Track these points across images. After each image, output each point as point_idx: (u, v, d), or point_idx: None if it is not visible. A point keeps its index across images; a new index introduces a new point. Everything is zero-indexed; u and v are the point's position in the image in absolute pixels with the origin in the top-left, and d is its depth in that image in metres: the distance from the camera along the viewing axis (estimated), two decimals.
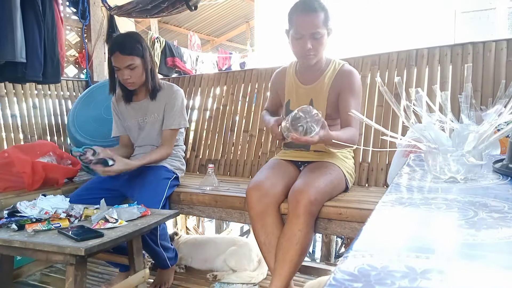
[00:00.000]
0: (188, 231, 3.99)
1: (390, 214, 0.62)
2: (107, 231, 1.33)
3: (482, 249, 0.45)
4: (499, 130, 0.87)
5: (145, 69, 1.91)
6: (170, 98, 1.99)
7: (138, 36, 1.97)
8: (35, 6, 2.44)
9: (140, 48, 1.88)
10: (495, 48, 1.88)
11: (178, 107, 2.00)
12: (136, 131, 2.06)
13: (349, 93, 1.68)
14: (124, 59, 1.85)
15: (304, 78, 1.77)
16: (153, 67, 1.97)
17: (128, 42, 1.87)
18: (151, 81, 1.96)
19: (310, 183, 1.49)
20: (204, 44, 9.89)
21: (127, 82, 1.91)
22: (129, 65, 1.86)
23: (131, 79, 1.89)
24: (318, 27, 1.59)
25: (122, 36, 1.98)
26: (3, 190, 2.03)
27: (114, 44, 1.90)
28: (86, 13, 3.26)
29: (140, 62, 1.88)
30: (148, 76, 1.93)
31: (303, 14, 1.60)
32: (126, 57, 1.85)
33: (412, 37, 4.94)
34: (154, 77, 1.98)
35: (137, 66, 1.88)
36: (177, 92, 2.02)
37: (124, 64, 1.85)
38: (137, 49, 1.87)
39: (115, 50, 1.85)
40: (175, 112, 1.99)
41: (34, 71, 2.46)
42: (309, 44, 1.60)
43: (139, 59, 1.88)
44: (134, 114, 2.04)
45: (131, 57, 1.85)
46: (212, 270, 2.18)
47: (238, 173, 2.45)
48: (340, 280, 0.37)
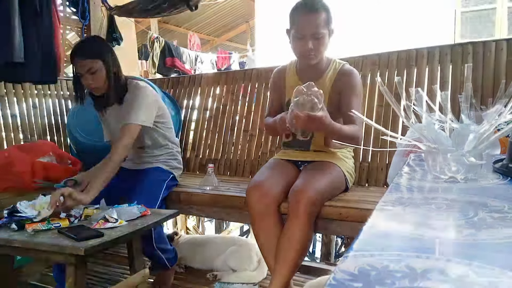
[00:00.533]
0: (188, 231, 3.99)
1: (390, 214, 0.62)
2: (107, 231, 1.33)
3: (482, 249, 0.45)
4: (499, 130, 0.87)
5: (107, 73, 1.81)
6: (131, 96, 1.87)
7: (99, 38, 1.93)
8: (33, 6, 2.44)
9: (100, 51, 1.79)
10: (495, 48, 1.88)
11: (137, 102, 1.83)
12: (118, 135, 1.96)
13: (351, 93, 1.69)
14: (83, 64, 1.76)
15: (305, 77, 1.77)
16: (117, 69, 1.86)
17: (87, 46, 1.81)
18: (113, 85, 1.84)
19: (310, 183, 1.49)
20: (204, 44, 9.90)
21: (90, 87, 1.82)
22: (89, 69, 1.76)
23: (94, 83, 1.79)
24: (320, 27, 1.59)
25: (82, 41, 1.95)
26: (3, 190, 2.03)
27: (73, 50, 1.81)
28: (86, 13, 3.26)
29: (101, 65, 1.78)
30: (111, 80, 1.82)
31: (305, 14, 1.60)
32: (84, 61, 1.76)
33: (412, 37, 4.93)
34: (119, 80, 1.87)
35: (97, 70, 1.77)
36: (140, 89, 1.88)
37: (84, 68, 1.76)
38: (96, 52, 1.78)
39: (74, 55, 1.77)
40: (133, 108, 1.81)
41: (31, 71, 2.46)
42: (310, 44, 1.61)
43: (100, 62, 1.78)
44: (111, 120, 1.98)
45: (90, 61, 1.76)
46: (212, 270, 2.18)
47: (238, 173, 2.45)
48: (340, 280, 0.37)
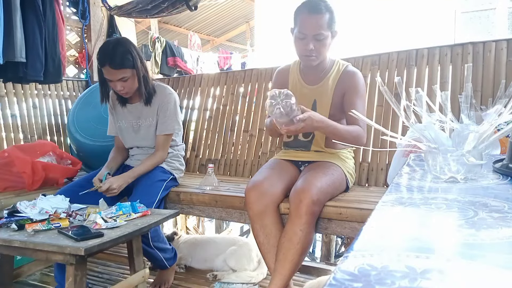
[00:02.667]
0: (188, 231, 3.99)
1: (390, 214, 0.62)
2: (107, 231, 1.33)
3: (482, 249, 0.45)
4: (499, 130, 0.87)
5: (138, 79, 1.86)
6: (163, 103, 1.96)
7: (128, 43, 1.84)
8: (35, 6, 2.44)
9: (131, 59, 1.79)
10: (495, 48, 1.88)
11: (171, 111, 1.96)
12: (130, 133, 2.03)
13: (354, 95, 1.69)
14: (116, 73, 1.78)
15: (308, 78, 1.77)
16: (145, 73, 1.90)
17: (118, 54, 1.77)
18: (145, 88, 1.91)
19: (312, 183, 1.49)
20: (204, 44, 9.89)
21: (121, 93, 1.88)
22: (121, 78, 1.79)
23: (124, 90, 1.84)
24: (322, 28, 1.58)
25: (111, 47, 1.80)
26: (3, 190, 2.03)
27: (103, 56, 1.78)
28: (86, 13, 3.26)
29: (132, 73, 1.82)
30: (142, 84, 1.88)
31: (308, 14, 1.59)
32: (117, 71, 1.77)
33: (412, 37, 4.94)
34: (148, 83, 1.92)
35: (129, 78, 1.82)
36: (169, 96, 1.98)
37: (116, 78, 1.79)
38: (127, 61, 1.78)
39: (105, 63, 1.76)
40: (168, 117, 1.96)
41: (35, 71, 2.46)
42: (311, 45, 1.60)
43: (131, 71, 1.81)
44: (129, 116, 2.02)
45: (122, 70, 1.78)
46: (212, 270, 2.18)
47: (238, 173, 2.45)
48: (340, 280, 0.37)
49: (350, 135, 1.61)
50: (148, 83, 1.93)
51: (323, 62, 1.72)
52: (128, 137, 2.05)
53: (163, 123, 1.96)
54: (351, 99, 1.68)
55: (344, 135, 1.58)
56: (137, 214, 1.52)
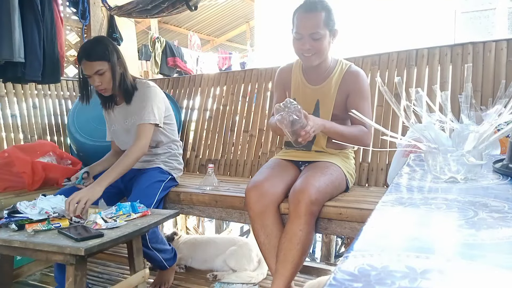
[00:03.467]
0: (188, 231, 3.99)
1: (390, 214, 0.62)
2: (107, 231, 1.33)
3: (482, 249, 0.45)
4: (499, 130, 0.87)
5: (112, 74, 1.83)
6: (141, 96, 1.92)
7: (105, 40, 1.89)
8: (34, 6, 2.44)
9: (107, 52, 1.80)
10: (495, 48, 1.88)
11: (147, 102, 1.88)
12: (123, 134, 2.01)
13: (359, 96, 1.68)
14: (91, 66, 1.78)
15: (311, 78, 1.76)
16: (124, 70, 1.89)
17: (94, 47, 1.80)
18: (122, 85, 1.88)
19: (311, 183, 1.49)
20: (204, 44, 9.90)
21: (99, 89, 1.86)
22: (97, 71, 1.79)
23: (102, 85, 1.82)
24: (318, 27, 1.57)
25: (89, 42, 1.88)
26: (3, 190, 2.03)
27: (80, 51, 1.82)
28: (86, 13, 3.26)
29: (107, 67, 1.81)
30: (116, 80, 1.84)
31: (303, 14, 1.60)
32: (92, 63, 1.78)
33: (412, 37, 4.94)
34: (126, 80, 1.89)
35: (105, 71, 1.80)
36: (147, 89, 1.92)
37: (92, 70, 1.78)
38: (103, 54, 1.79)
39: (82, 57, 1.79)
40: (144, 107, 1.87)
41: (33, 71, 2.46)
42: (308, 45, 1.60)
43: (107, 64, 1.80)
44: (119, 118, 2.00)
45: (98, 63, 1.78)
46: (212, 270, 2.18)
47: (238, 173, 2.45)
48: (340, 280, 0.37)
49: (352, 135, 1.61)
50: (126, 80, 1.90)
51: (325, 62, 1.72)
52: (121, 139, 2.03)
53: (139, 113, 1.88)
54: (356, 101, 1.67)
55: (346, 135, 1.59)
56: (137, 214, 1.52)
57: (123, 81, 1.88)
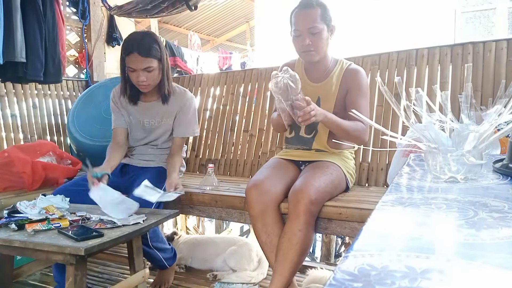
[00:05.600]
0: (188, 231, 3.99)
1: (390, 214, 0.62)
2: (107, 231, 1.33)
3: (482, 249, 0.45)
4: (499, 130, 0.87)
5: (161, 73, 1.82)
6: (184, 106, 1.92)
7: (156, 36, 1.85)
8: (36, 6, 2.44)
9: (159, 50, 1.78)
10: (495, 48, 1.88)
11: (192, 114, 1.94)
12: (139, 130, 1.98)
13: (357, 93, 1.70)
14: (143, 61, 1.74)
15: (312, 75, 1.78)
16: (167, 71, 1.87)
17: (147, 42, 1.75)
18: (167, 85, 1.87)
19: (310, 183, 1.49)
20: (204, 44, 9.89)
21: (141, 85, 1.81)
22: (146, 68, 1.75)
23: (146, 81, 1.78)
24: (315, 22, 1.61)
25: (140, 36, 1.80)
26: (3, 190, 2.03)
27: (131, 43, 1.75)
28: (86, 13, 3.26)
29: (157, 65, 1.79)
30: (164, 79, 1.84)
31: (300, 11, 1.65)
32: (145, 59, 1.74)
33: (412, 37, 4.93)
34: (170, 80, 1.90)
35: (154, 69, 1.78)
36: (191, 99, 1.96)
37: (142, 66, 1.74)
38: (155, 51, 1.76)
39: (133, 50, 1.72)
40: (189, 120, 1.93)
41: (35, 71, 2.46)
42: (308, 40, 1.63)
43: (157, 62, 1.78)
44: (140, 113, 1.96)
45: (149, 59, 1.75)
46: (212, 270, 2.18)
47: (238, 173, 2.45)
48: (340, 280, 0.37)
49: (351, 129, 1.61)
50: (169, 80, 1.90)
51: (325, 60, 1.73)
52: (137, 133, 1.99)
53: (184, 126, 1.93)
54: (354, 97, 1.69)
55: (347, 129, 1.59)
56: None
57: (165, 82, 1.87)
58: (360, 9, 5.76)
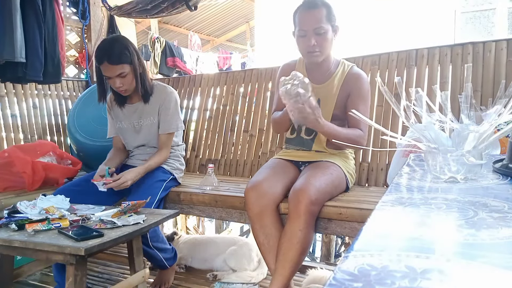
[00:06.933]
0: (188, 231, 3.99)
1: (390, 214, 0.62)
2: (107, 231, 1.33)
3: (482, 249, 0.45)
4: (499, 130, 0.87)
5: (134, 75, 1.85)
6: (164, 101, 1.96)
7: (125, 40, 1.87)
8: (35, 6, 2.44)
9: (128, 54, 1.81)
10: (495, 48, 1.88)
11: (173, 110, 1.96)
12: (131, 133, 2.03)
13: (357, 97, 1.69)
14: (114, 69, 1.78)
15: (314, 76, 1.77)
16: (143, 70, 1.91)
17: (115, 49, 1.79)
18: (142, 86, 1.90)
19: (311, 183, 1.49)
20: (204, 44, 9.89)
21: (119, 90, 1.87)
22: (119, 74, 1.80)
23: (123, 86, 1.84)
24: (321, 22, 1.60)
25: (108, 43, 1.84)
26: (3, 190, 2.03)
27: (101, 53, 1.80)
28: (86, 13, 3.26)
29: (130, 69, 1.82)
30: (138, 81, 1.87)
31: (305, 11, 1.63)
32: (115, 66, 1.78)
33: (412, 37, 4.94)
34: (145, 81, 1.92)
35: (127, 73, 1.82)
36: (170, 94, 1.98)
37: (114, 73, 1.79)
38: (125, 57, 1.79)
39: (103, 59, 1.78)
40: (171, 116, 1.95)
41: (34, 71, 2.46)
42: (313, 41, 1.61)
43: (128, 66, 1.81)
44: (128, 116, 2.01)
45: (120, 66, 1.79)
46: (212, 270, 2.18)
47: (238, 173, 2.45)
48: (340, 280, 0.37)
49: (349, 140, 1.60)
50: (145, 80, 1.93)
51: (327, 61, 1.73)
52: (129, 137, 2.04)
53: (166, 122, 1.96)
54: (354, 101, 1.68)
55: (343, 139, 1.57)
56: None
57: (143, 82, 1.91)
58: (360, 9, 5.75)
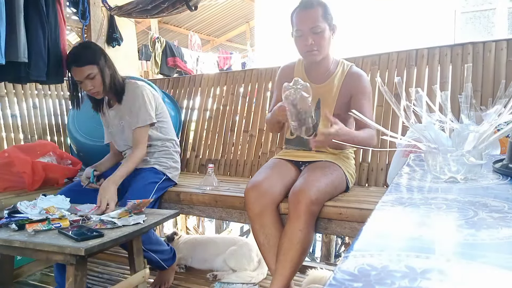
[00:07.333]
0: (188, 231, 3.99)
1: (390, 214, 0.62)
2: (107, 231, 1.33)
3: (482, 249, 0.45)
4: (499, 130, 0.87)
5: (102, 76, 1.86)
6: (131, 97, 1.94)
7: (92, 44, 1.95)
8: (39, 7, 2.44)
9: (94, 56, 1.84)
10: (495, 48, 1.88)
11: (140, 103, 1.91)
12: (119, 136, 2.02)
13: (362, 96, 1.69)
14: (81, 71, 1.81)
15: (313, 76, 1.77)
16: (113, 71, 1.91)
17: (81, 53, 1.85)
18: (112, 87, 1.90)
19: (311, 183, 1.49)
20: (204, 44, 9.89)
21: (91, 93, 1.88)
22: (87, 76, 1.82)
23: (94, 88, 1.85)
24: (317, 21, 1.60)
25: (75, 49, 1.93)
26: (3, 190, 2.03)
27: (69, 58, 1.87)
28: (86, 13, 3.26)
29: (97, 70, 1.84)
30: (106, 82, 1.87)
31: (301, 11, 1.64)
32: (82, 68, 1.81)
33: (412, 37, 4.94)
34: (115, 81, 1.92)
35: (96, 75, 1.83)
36: (136, 88, 1.94)
37: (83, 75, 1.82)
38: (91, 58, 1.83)
39: (71, 64, 1.83)
40: (138, 109, 1.91)
41: (38, 71, 2.46)
42: (310, 40, 1.62)
43: (96, 67, 1.83)
44: (113, 120, 2.02)
45: (87, 67, 1.81)
46: (212, 270, 2.18)
47: (238, 173, 2.45)
48: (340, 280, 0.37)
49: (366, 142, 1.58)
50: (115, 80, 1.92)
51: (326, 60, 1.73)
52: (118, 140, 2.04)
53: (133, 117, 1.91)
54: (360, 101, 1.68)
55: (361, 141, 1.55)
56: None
57: (113, 82, 1.91)
58: (360, 9, 5.75)
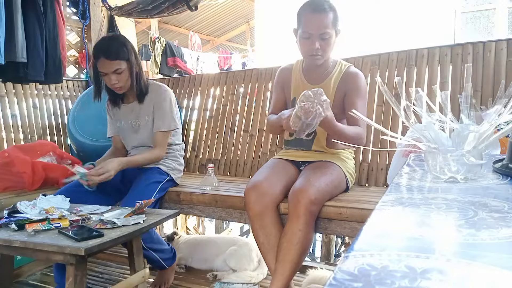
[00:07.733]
0: (188, 231, 4.00)
1: (390, 214, 0.62)
2: (107, 231, 1.33)
3: (482, 249, 0.45)
4: (499, 130, 0.87)
5: (130, 73, 1.87)
6: (158, 100, 1.95)
7: (123, 38, 1.91)
8: (36, 6, 2.44)
9: (126, 51, 1.83)
10: (495, 48, 1.88)
11: (166, 108, 1.95)
12: (129, 132, 2.03)
13: (355, 95, 1.69)
14: (110, 64, 1.80)
15: (311, 77, 1.77)
16: (139, 69, 1.92)
17: (113, 46, 1.82)
18: (137, 85, 1.91)
19: (311, 183, 1.49)
20: (204, 44, 9.89)
21: (114, 87, 1.87)
22: (115, 70, 1.81)
23: (118, 83, 1.84)
24: (327, 27, 1.59)
25: (106, 40, 1.90)
26: (3, 190, 2.03)
27: (98, 49, 1.84)
28: (86, 13, 3.26)
29: (126, 66, 1.84)
30: (134, 79, 1.88)
31: (313, 14, 1.60)
32: (112, 62, 1.80)
33: (412, 37, 4.94)
34: (141, 80, 1.93)
35: (123, 70, 1.83)
36: (164, 93, 1.97)
37: (111, 69, 1.80)
38: (122, 53, 1.82)
39: (100, 55, 1.80)
40: (164, 114, 1.94)
41: (36, 71, 2.46)
42: (317, 44, 1.61)
43: (125, 63, 1.83)
44: (126, 115, 2.02)
45: (117, 62, 1.81)
46: (212, 270, 2.18)
47: (238, 173, 2.45)
48: (340, 280, 0.37)
49: (351, 136, 1.59)
50: (141, 79, 1.93)
51: (326, 62, 1.73)
52: (128, 137, 2.04)
53: (159, 120, 1.94)
54: (352, 99, 1.68)
55: (347, 136, 1.56)
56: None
57: (138, 81, 1.91)
58: (360, 9, 5.75)
